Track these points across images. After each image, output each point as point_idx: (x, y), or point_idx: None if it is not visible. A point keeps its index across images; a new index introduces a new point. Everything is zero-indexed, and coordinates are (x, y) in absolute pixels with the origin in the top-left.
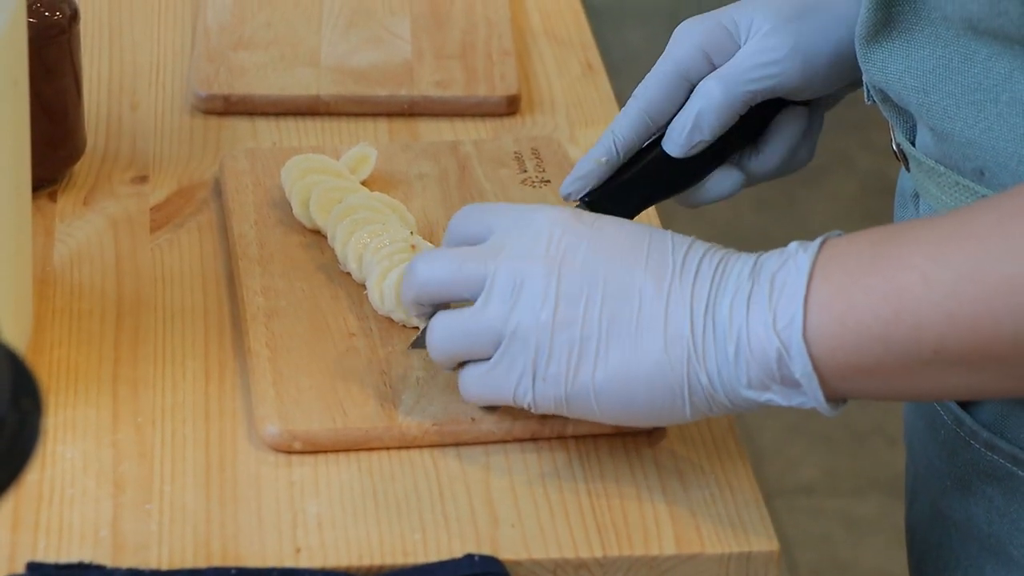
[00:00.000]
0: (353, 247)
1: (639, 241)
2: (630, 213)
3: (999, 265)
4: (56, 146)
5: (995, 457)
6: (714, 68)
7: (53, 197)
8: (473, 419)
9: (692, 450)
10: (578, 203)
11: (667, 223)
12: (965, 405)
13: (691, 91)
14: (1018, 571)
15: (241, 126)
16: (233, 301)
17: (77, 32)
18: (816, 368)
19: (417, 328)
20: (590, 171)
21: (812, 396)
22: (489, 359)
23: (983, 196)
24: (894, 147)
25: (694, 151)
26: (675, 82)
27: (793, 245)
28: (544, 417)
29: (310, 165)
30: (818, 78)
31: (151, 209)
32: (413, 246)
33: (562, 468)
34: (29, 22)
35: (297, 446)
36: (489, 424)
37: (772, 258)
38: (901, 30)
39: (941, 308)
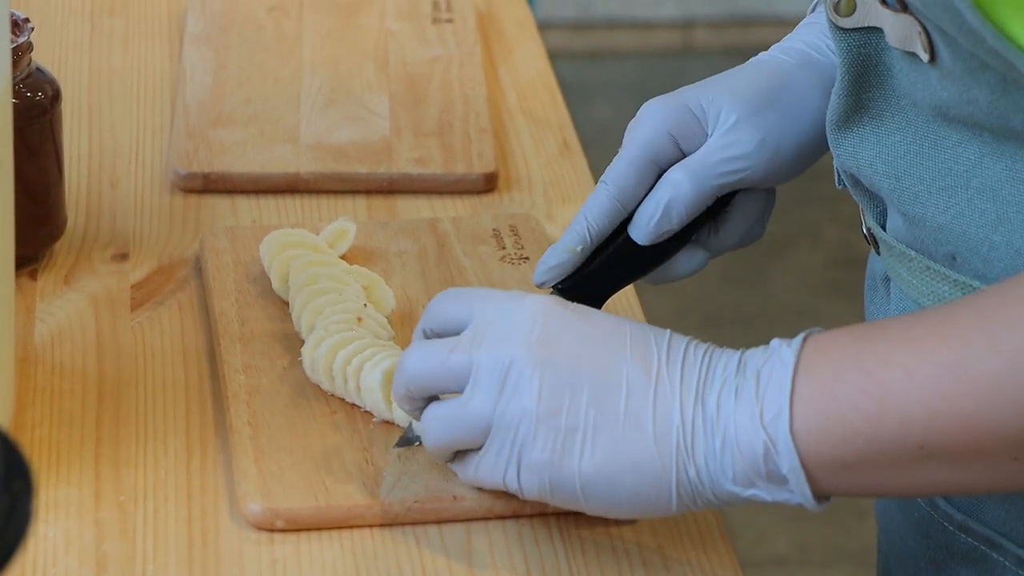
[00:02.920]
0: (307, 316)
1: (622, 331)
2: (601, 298)
3: (983, 362)
4: (37, 225)
5: (969, 539)
6: (682, 153)
7: (34, 276)
8: (455, 497)
9: (672, 527)
10: (551, 290)
11: (637, 297)
12: None
13: (659, 174)
14: None
15: (221, 204)
16: (214, 378)
17: (59, 112)
18: (802, 463)
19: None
20: (564, 260)
21: (799, 492)
22: (480, 448)
23: (955, 281)
24: (864, 231)
25: (661, 239)
26: (645, 167)
27: (775, 341)
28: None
29: (289, 240)
30: (784, 168)
31: (132, 287)
32: (360, 319)
33: (544, 545)
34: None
35: (280, 524)
36: (471, 502)
37: (756, 354)
38: (872, 116)
39: (925, 404)
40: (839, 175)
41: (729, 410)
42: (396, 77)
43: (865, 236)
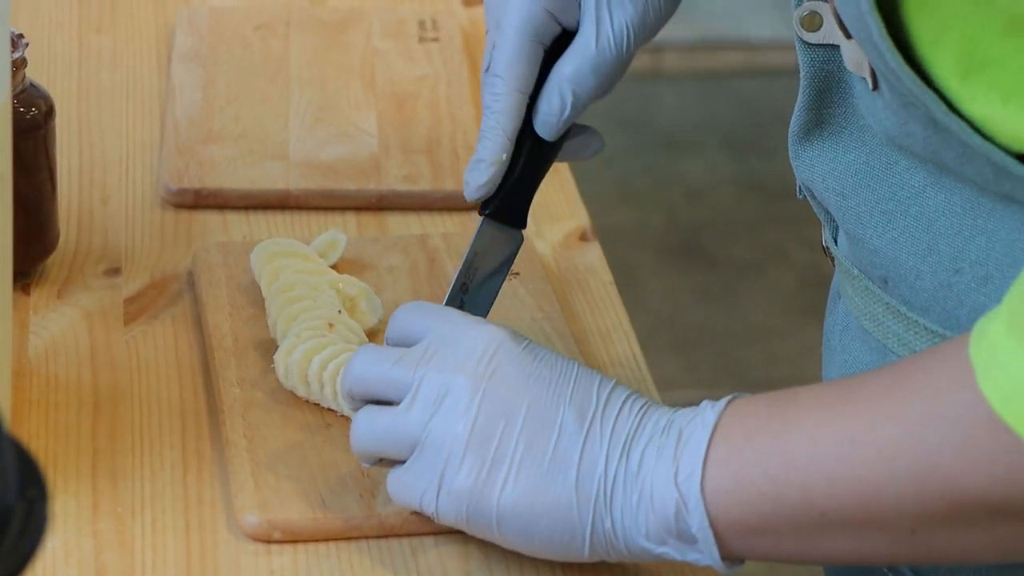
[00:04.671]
0: (281, 322)
1: (568, 374)
2: (525, 208)
3: (881, 430)
4: (30, 240)
5: None
6: (561, 27)
7: (27, 290)
8: None
9: None
10: (484, 215)
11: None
12: None
13: (544, 51)
14: None
15: (212, 219)
16: (209, 392)
17: (53, 128)
18: (712, 524)
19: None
20: (492, 173)
21: (707, 552)
22: (404, 462)
23: (887, 304)
24: (823, 244)
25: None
26: (533, 50)
27: (705, 403)
28: None
29: (279, 249)
30: (657, 17)
31: (125, 301)
32: (331, 324)
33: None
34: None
35: (277, 535)
36: None
37: (685, 414)
38: (831, 132)
39: (826, 471)
40: (800, 187)
41: (649, 467)
42: (383, 95)
43: (824, 249)
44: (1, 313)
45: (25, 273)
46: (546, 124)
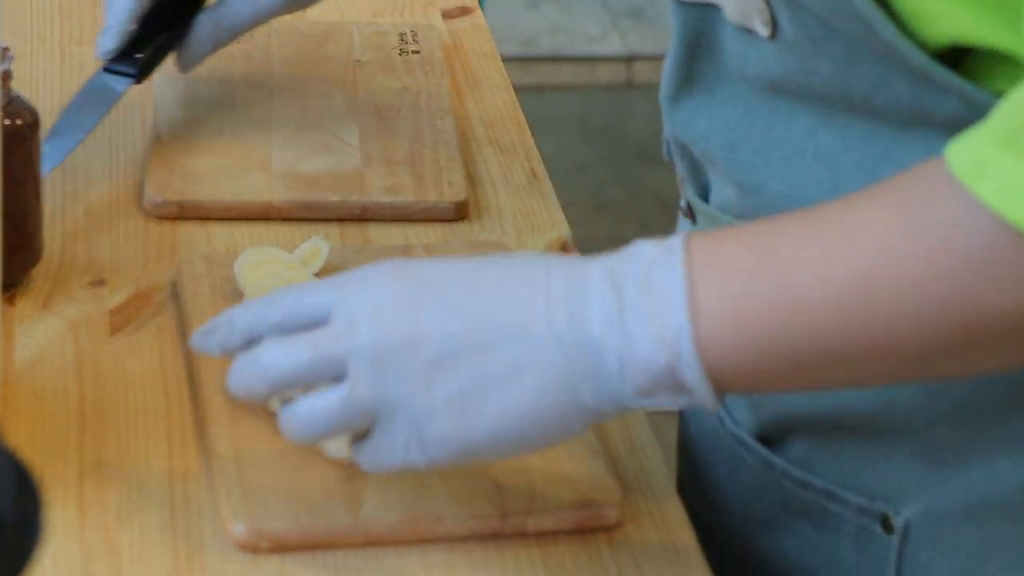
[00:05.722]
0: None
1: (484, 283)
2: (150, 66)
3: (900, 266)
4: (15, 251)
5: (807, 494)
6: None
7: (12, 301)
8: (436, 517)
9: (652, 546)
10: (129, 80)
11: None
12: (772, 448)
13: None
14: None
15: (195, 231)
16: (195, 401)
17: (38, 139)
18: (707, 374)
19: None
20: (123, 39)
21: (700, 398)
22: (364, 432)
23: None
24: (683, 203)
25: None
26: None
27: (647, 248)
28: (505, 515)
29: (263, 258)
30: None
31: (110, 312)
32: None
33: (524, 564)
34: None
35: (264, 544)
36: (452, 522)
37: (627, 264)
38: (702, 89)
39: (836, 309)
40: (668, 146)
41: (617, 335)
42: (365, 107)
43: (682, 208)
44: None
45: (11, 284)
46: (185, 59)
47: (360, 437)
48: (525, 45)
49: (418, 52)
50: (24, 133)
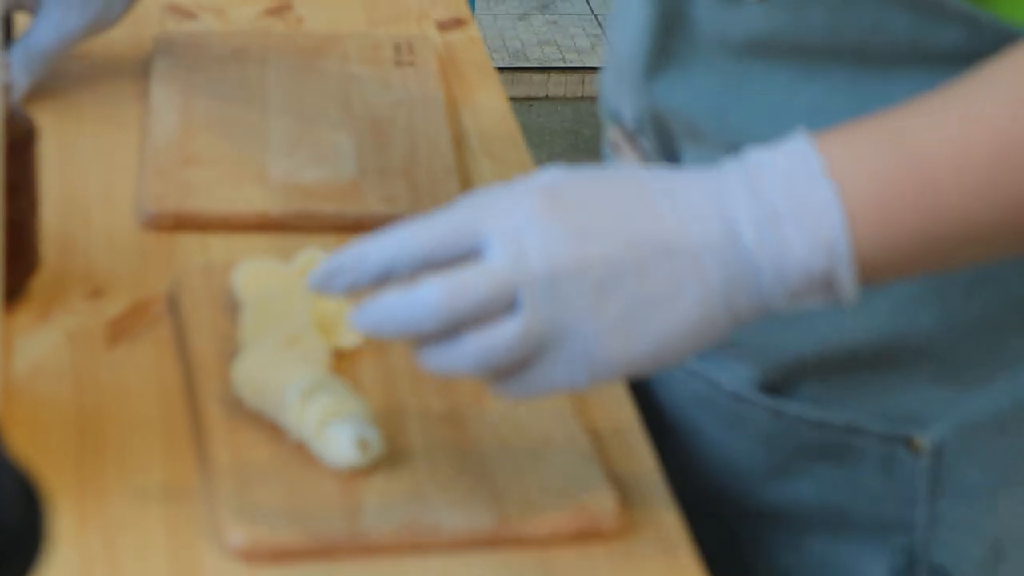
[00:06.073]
0: (249, 334)
1: (621, 199)
2: None
3: None
4: (13, 263)
5: (826, 434)
6: None
7: (9, 311)
8: (435, 526)
9: (645, 552)
10: None
11: None
12: (782, 395)
13: None
14: (856, 529)
15: (192, 241)
16: (193, 412)
17: (36, 151)
18: (859, 271)
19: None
20: None
21: (848, 295)
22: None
23: None
24: None
25: None
26: None
27: (774, 156)
28: (502, 524)
29: (261, 268)
30: None
31: (107, 323)
32: (293, 341)
33: (521, 572)
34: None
35: (263, 554)
36: (451, 531)
37: (763, 174)
38: (678, 61)
39: (978, 193)
40: (640, 121)
41: (775, 244)
42: (360, 119)
43: None
44: None
45: (9, 295)
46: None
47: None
48: (515, 57)
49: (413, 63)
50: (22, 144)
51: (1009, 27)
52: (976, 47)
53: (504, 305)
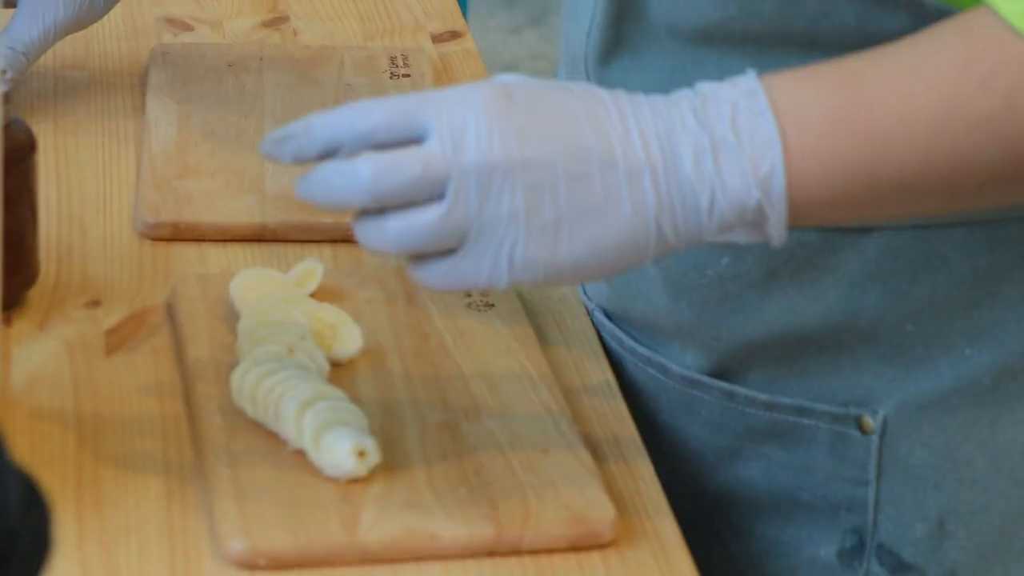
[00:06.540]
0: (247, 344)
1: (570, 107)
2: None
3: (975, 102)
4: (12, 272)
5: (776, 415)
6: None
7: (8, 322)
8: (432, 535)
9: (643, 562)
10: None
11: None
12: (733, 379)
13: None
14: (807, 511)
15: (189, 252)
16: (191, 421)
17: (35, 162)
18: (790, 209)
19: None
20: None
21: (775, 234)
22: (450, 250)
23: None
24: None
25: None
26: None
27: (721, 89)
28: (500, 533)
29: (258, 278)
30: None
31: (105, 333)
32: (291, 350)
33: None
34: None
35: (262, 562)
36: (448, 540)
37: (711, 104)
38: (629, 48)
39: (918, 147)
40: None
41: (711, 172)
42: None
43: None
44: None
45: (7, 305)
46: None
47: (431, 256)
48: (507, 71)
49: (408, 75)
50: (21, 155)
51: (955, 12)
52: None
53: (433, 192)
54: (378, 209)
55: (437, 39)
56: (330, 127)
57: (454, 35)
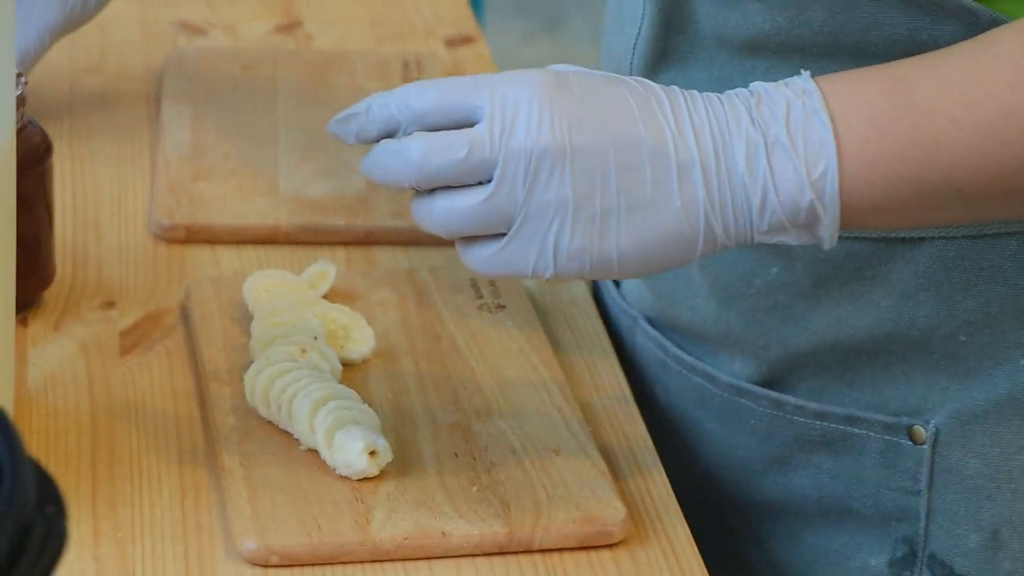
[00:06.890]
0: (260, 345)
1: (628, 104)
2: None
3: None
4: (27, 274)
5: (826, 424)
6: None
7: (24, 323)
8: (443, 533)
9: (653, 562)
10: None
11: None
12: (782, 388)
13: None
14: (857, 520)
15: (203, 254)
16: (205, 421)
17: (51, 164)
18: (842, 213)
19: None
20: None
21: (827, 237)
22: (500, 236)
23: None
24: None
25: None
26: None
27: (777, 89)
28: (511, 532)
29: (272, 280)
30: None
31: (120, 334)
32: (304, 350)
33: None
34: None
35: (274, 560)
36: (459, 539)
37: (765, 104)
38: (676, 59)
39: (971, 152)
40: None
41: (764, 170)
42: None
43: None
44: (4, 344)
45: (23, 306)
46: None
47: (479, 240)
48: None
49: (421, 78)
50: (37, 157)
51: (1007, 20)
52: None
53: (480, 175)
54: (430, 189)
55: (450, 43)
56: (388, 108)
57: (467, 40)
